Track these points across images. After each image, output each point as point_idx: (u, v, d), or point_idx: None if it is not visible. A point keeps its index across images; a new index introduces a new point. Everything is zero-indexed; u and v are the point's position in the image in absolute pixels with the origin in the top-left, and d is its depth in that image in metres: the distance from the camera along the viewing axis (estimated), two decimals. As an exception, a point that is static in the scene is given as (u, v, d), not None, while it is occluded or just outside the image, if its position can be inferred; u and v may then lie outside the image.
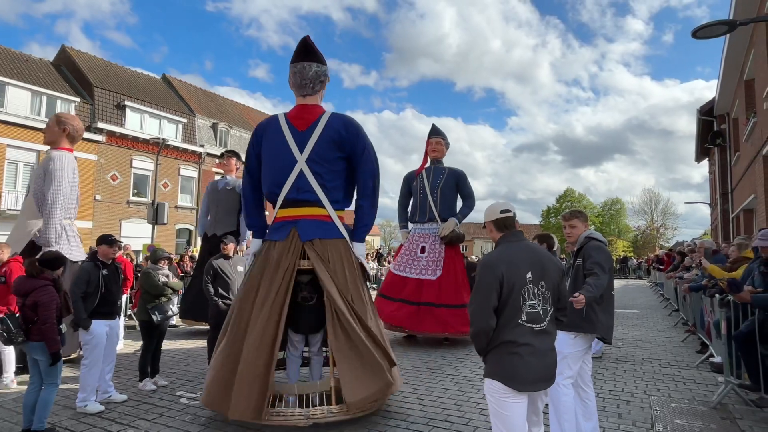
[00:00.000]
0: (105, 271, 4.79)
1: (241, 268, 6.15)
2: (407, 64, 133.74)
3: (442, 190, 8.37)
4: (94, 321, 4.65)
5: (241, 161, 7.68)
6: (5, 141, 20.22)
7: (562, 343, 3.29)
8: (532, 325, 2.59)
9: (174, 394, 5.18)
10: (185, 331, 9.27)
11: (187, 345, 8.00)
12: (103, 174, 23.42)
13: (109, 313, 4.83)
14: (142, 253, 15.65)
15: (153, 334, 5.43)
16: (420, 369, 6.27)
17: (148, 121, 25.64)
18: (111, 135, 23.62)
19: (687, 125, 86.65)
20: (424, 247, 8.27)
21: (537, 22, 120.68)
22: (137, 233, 23.31)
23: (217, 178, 9.59)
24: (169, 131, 26.43)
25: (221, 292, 5.93)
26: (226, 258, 6.17)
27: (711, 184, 23.17)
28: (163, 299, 5.52)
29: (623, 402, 4.85)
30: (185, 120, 27.46)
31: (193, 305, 8.42)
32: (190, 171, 27.41)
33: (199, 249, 10.09)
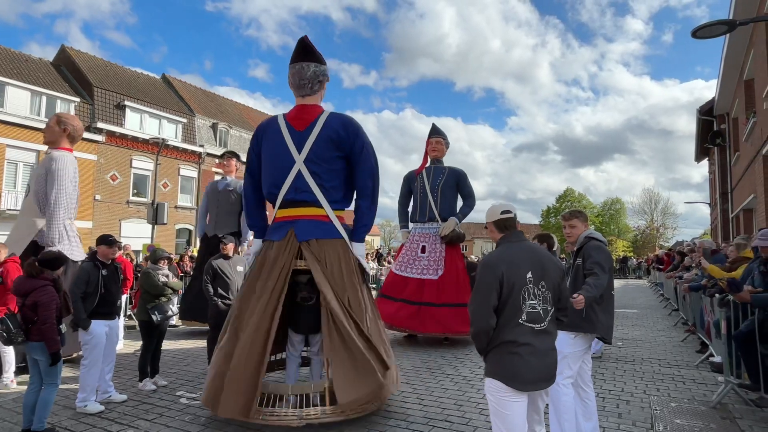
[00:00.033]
0: (104, 272, 4.79)
1: (240, 268, 6.16)
2: (407, 64, 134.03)
3: (443, 190, 8.37)
4: (93, 321, 4.65)
5: (241, 162, 7.68)
6: (5, 141, 20.23)
7: (562, 342, 3.29)
8: (532, 325, 2.60)
9: (174, 394, 5.18)
10: (185, 331, 9.26)
11: (187, 345, 7.99)
12: (102, 174, 23.42)
13: (109, 314, 4.84)
14: (142, 253, 15.65)
15: (153, 334, 5.43)
16: (420, 369, 6.27)
17: (147, 121, 25.64)
18: (111, 135, 23.62)
19: (687, 125, 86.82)
20: (424, 247, 8.27)
21: (536, 22, 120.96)
22: (137, 233, 23.32)
23: (216, 179, 9.57)
24: (169, 131, 26.43)
25: (221, 292, 5.94)
26: (226, 258, 6.17)
27: (711, 183, 23.18)
28: (163, 299, 5.52)
29: (623, 402, 4.85)
30: (185, 120, 27.47)
31: (192, 305, 8.43)
32: (189, 171, 27.41)
33: (198, 249, 10.06)
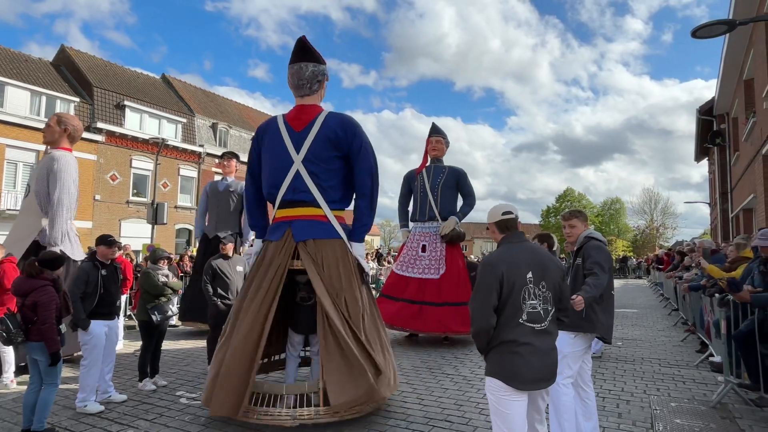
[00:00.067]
0: (104, 272, 4.79)
1: (240, 268, 6.16)
2: (406, 64, 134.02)
3: (443, 189, 8.37)
4: (93, 321, 4.65)
5: (241, 162, 7.66)
6: (5, 141, 20.21)
7: (562, 342, 3.29)
8: (532, 325, 2.61)
9: (174, 394, 5.18)
10: (185, 331, 9.26)
11: (187, 345, 8.00)
12: (102, 174, 23.41)
13: (108, 314, 4.84)
14: (142, 253, 15.64)
15: (152, 334, 5.43)
16: (420, 369, 6.27)
17: (147, 121, 25.62)
18: (110, 135, 23.60)
19: (686, 125, 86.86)
20: (425, 246, 8.27)
21: (536, 22, 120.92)
22: (137, 233, 23.31)
23: (216, 179, 9.56)
24: (169, 131, 26.41)
25: (220, 292, 5.94)
26: (225, 258, 6.17)
27: (710, 183, 23.18)
28: (163, 299, 5.51)
29: (623, 401, 4.86)
30: (185, 120, 27.46)
31: (192, 306, 8.42)
32: (189, 171, 27.40)
33: (197, 249, 10.01)
